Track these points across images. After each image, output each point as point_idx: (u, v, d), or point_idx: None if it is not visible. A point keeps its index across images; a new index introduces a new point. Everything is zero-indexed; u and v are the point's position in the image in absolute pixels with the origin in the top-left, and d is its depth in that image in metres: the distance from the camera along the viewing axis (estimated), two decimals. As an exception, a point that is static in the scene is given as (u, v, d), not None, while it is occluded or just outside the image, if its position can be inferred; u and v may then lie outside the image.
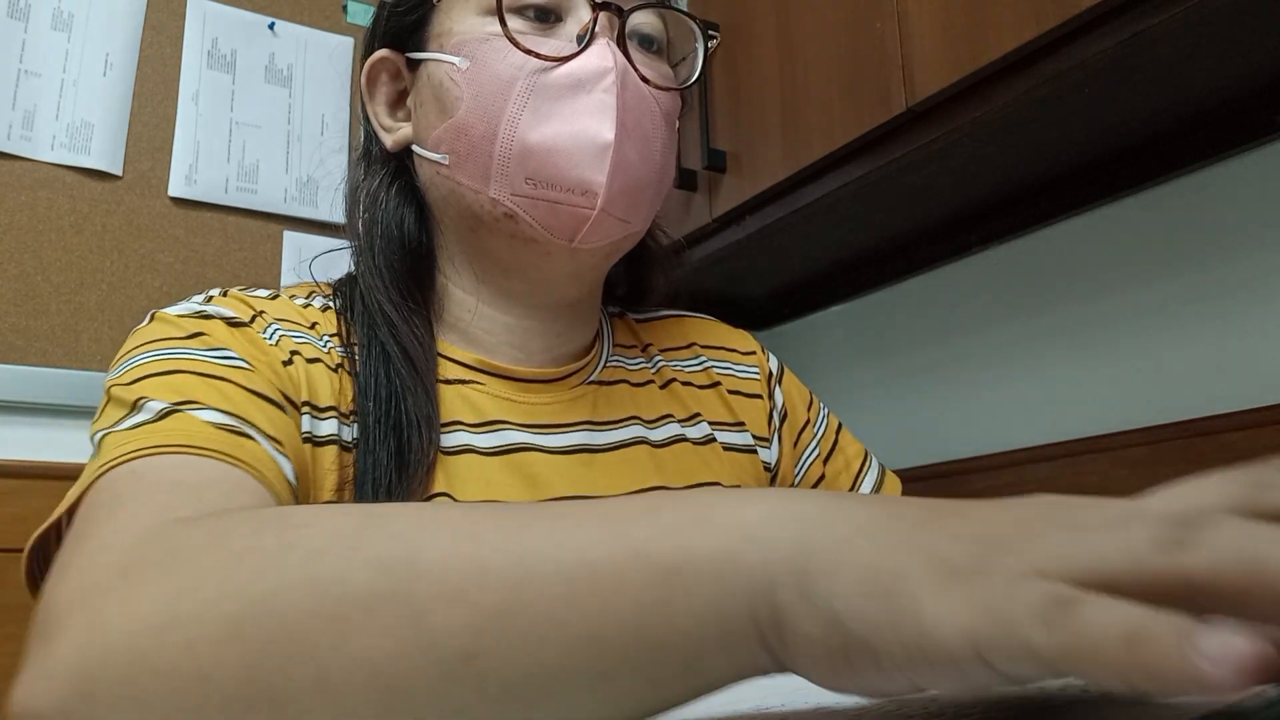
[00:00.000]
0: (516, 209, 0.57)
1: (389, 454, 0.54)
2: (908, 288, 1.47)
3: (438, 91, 0.60)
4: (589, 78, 0.57)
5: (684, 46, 0.66)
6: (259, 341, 0.54)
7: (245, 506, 0.42)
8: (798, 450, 0.72)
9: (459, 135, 0.58)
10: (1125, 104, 0.97)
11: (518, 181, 0.57)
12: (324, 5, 1.68)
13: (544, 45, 0.57)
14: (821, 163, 1.11)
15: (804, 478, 0.72)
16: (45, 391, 1.36)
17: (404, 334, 0.58)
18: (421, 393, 0.56)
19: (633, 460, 0.63)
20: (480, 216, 0.59)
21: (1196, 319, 1.09)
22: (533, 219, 0.57)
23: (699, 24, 0.65)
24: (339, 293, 0.62)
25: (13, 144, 1.40)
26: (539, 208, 0.57)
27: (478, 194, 0.58)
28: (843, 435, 0.75)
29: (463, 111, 0.58)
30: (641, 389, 0.67)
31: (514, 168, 0.56)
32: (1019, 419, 1.28)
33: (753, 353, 0.75)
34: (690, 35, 0.65)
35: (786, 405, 0.73)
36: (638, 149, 0.58)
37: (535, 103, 0.56)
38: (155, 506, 0.39)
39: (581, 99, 0.56)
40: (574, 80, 0.56)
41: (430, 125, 0.60)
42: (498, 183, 0.57)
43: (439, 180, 0.61)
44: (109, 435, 0.45)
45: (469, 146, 0.58)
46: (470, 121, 0.57)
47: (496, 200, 0.58)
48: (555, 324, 0.63)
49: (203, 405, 0.47)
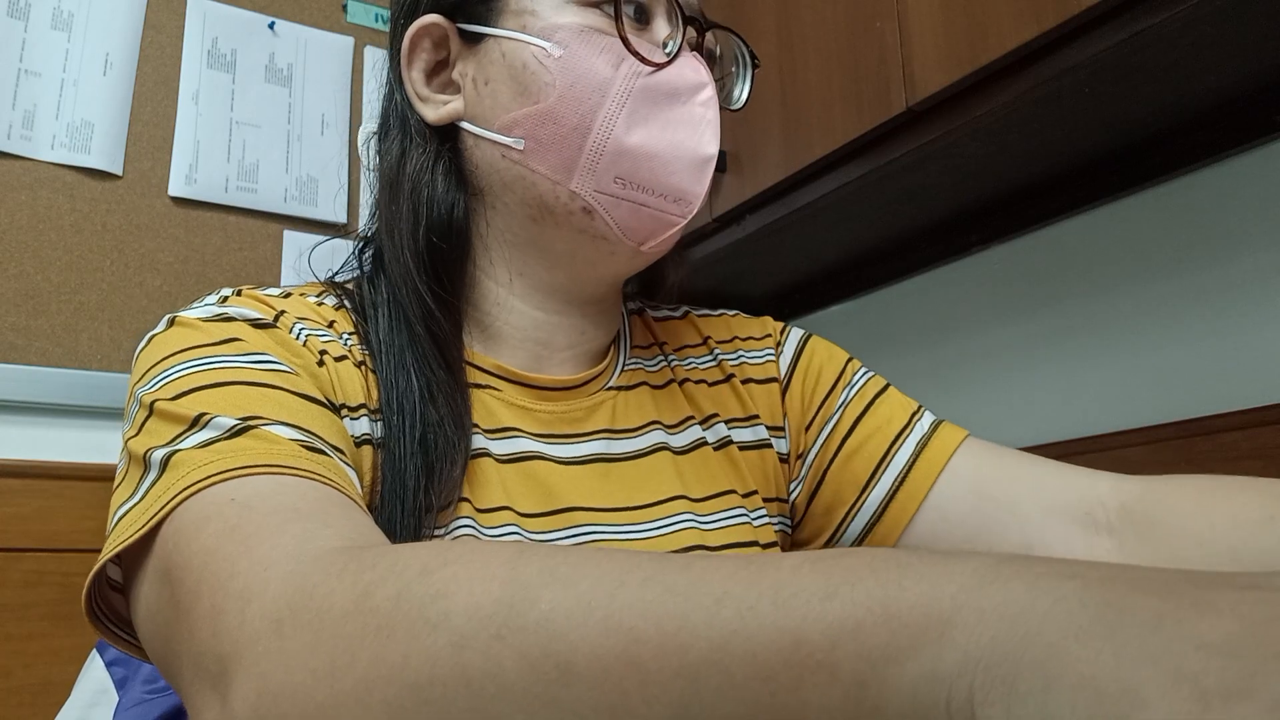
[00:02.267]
0: (596, 205, 0.57)
1: (415, 452, 0.53)
2: (908, 288, 1.47)
3: (518, 73, 0.58)
4: (686, 89, 0.58)
5: (724, 65, 0.68)
6: (290, 343, 0.53)
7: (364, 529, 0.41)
8: (820, 419, 0.68)
9: (544, 122, 0.57)
10: (1125, 104, 0.97)
11: (605, 179, 0.56)
12: (324, 5, 1.68)
13: (642, 48, 0.57)
14: (821, 163, 1.11)
15: (825, 443, 0.68)
16: (45, 391, 1.37)
17: (442, 328, 0.57)
18: (454, 390, 0.56)
19: (653, 469, 0.62)
20: (551, 207, 0.58)
21: (1196, 319, 1.09)
22: (612, 218, 0.57)
23: (750, 51, 0.66)
24: (346, 291, 0.60)
25: (13, 144, 1.40)
26: (622, 208, 0.57)
27: (555, 185, 0.57)
28: (888, 395, 0.70)
29: (554, 99, 0.57)
30: (662, 391, 0.67)
31: (605, 165, 0.56)
32: (1019, 419, 1.28)
33: (768, 335, 0.73)
34: (736, 58, 0.67)
35: (801, 374, 0.70)
36: None
37: (634, 105, 0.56)
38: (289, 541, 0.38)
39: (678, 109, 0.57)
40: (671, 89, 0.57)
41: (501, 106, 0.59)
42: (583, 177, 0.57)
43: (504, 165, 0.59)
44: (179, 454, 0.43)
45: (555, 136, 0.57)
46: (561, 111, 0.56)
47: (576, 194, 0.57)
48: (582, 320, 0.63)
49: (270, 420, 0.45)
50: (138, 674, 0.70)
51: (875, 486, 0.66)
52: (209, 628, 0.36)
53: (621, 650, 0.27)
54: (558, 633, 0.28)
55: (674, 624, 0.27)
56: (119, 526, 0.43)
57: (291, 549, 0.37)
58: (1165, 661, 0.20)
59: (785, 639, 0.26)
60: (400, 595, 0.32)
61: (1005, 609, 0.23)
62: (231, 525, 0.39)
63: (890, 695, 0.24)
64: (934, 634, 0.24)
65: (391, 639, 0.31)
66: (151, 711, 0.67)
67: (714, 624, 0.27)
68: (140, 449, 0.45)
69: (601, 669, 0.27)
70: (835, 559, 0.27)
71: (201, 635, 0.36)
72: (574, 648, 0.28)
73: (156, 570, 0.41)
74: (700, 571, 0.29)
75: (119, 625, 0.48)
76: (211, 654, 0.35)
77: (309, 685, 0.31)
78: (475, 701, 0.29)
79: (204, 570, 0.38)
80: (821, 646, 0.25)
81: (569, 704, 0.28)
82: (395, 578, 0.32)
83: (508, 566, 0.31)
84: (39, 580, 1.28)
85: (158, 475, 0.43)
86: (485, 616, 0.30)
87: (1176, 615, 0.21)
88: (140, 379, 0.50)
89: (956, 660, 0.23)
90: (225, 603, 0.36)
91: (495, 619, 0.29)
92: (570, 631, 0.28)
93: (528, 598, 0.30)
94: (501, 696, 0.28)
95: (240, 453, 0.43)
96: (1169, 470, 1.06)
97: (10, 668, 1.24)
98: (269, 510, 0.40)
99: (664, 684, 0.27)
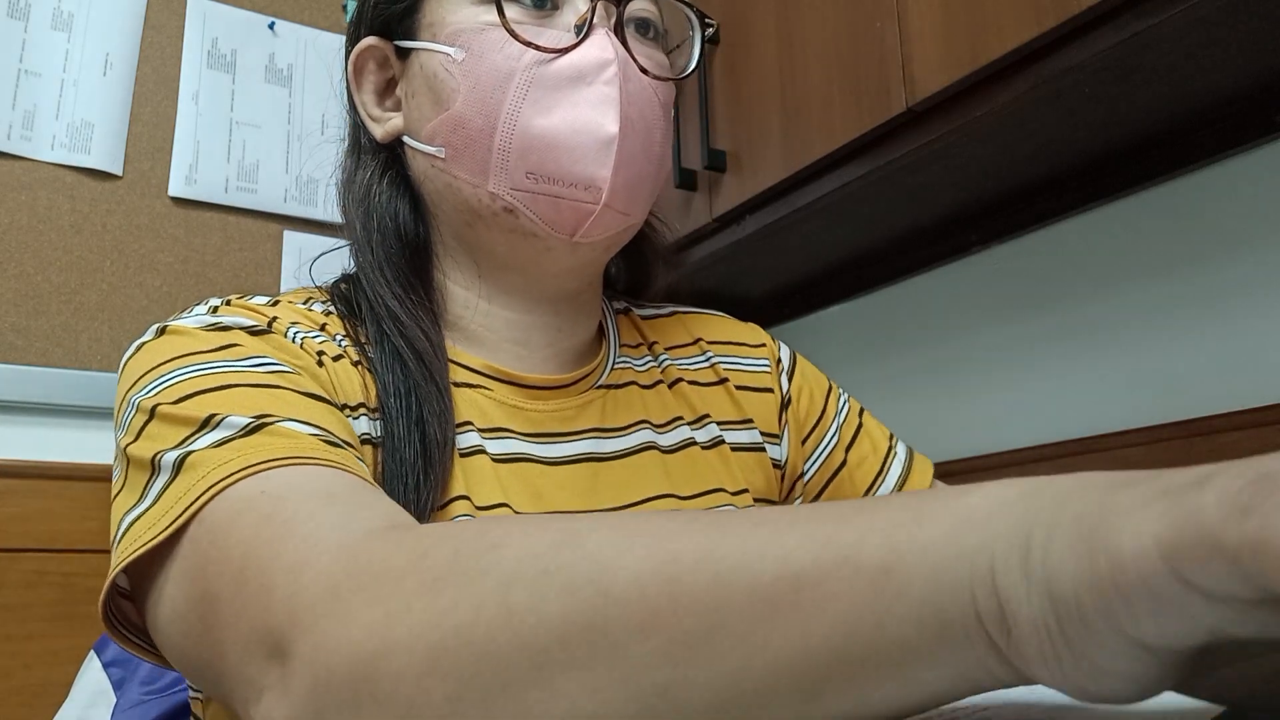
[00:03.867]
0: (516, 203, 0.57)
1: (415, 451, 0.53)
2: (908, 288, 1.47)
3: (431, 83, 0.59)
4: (590, 69, 0.56)
5: (678, 34, 0.65)
6: (288, 346, 0.52)
7: (398, 511, 0.41)
8: (813, 440, 0.70)
9: (455, 128, 0.57)
10: (1125, 104, 0.97)
11: (518, 175, 0.56)
12: (324, 5, 1.68)
13: (542, 36, 0.56)
14: (821, 163, 1.11)
15: (822, 466, 0.70)
16: (45, 391, 1.37)
17: (411, 330, 0.57)
18: (434, 389, 0.56)
19: (641, 468, 0.62)
20: (478, 211, 0.58)
21: (1196, 319, 1.09)
22: (533, 213, 0.57)
23: (695, 11, 0.64)
24: (336, 295, 0.61)
25: (13, 144, 1.40)
26: (540, 202, 0.56)
27: (476, 188, 0.58)
28: (867, 420, 0.73)
29: (459, 104, 0.57)
30: (651, 390, 0.67)
31: (514, 161, 0.56)
32: (1019, 419, 1.28)
33: (762, 345, 0.73)
34: (685, 23, 0.65)
35: (797, 394, 0.71)
36: (640, 141, 0.57)
37: (535, 95, 0.55)
38: (335, 517, 0.37)
39: (582, 91, 0.56)
40: (575, 72, 0.56)
41: (424, 117, 0.60)
42: (497, 177, 0.56)
43: (434, 173, 0.60)
44: (195, 454, 0.42)
45: (466, 140, 0.57)
46: (467, 114, 0.57)
47: (495, 194, 0.57)
48: (556, 318, 0.63)
49: (282, 417, 0.45)
50: (135, 675, 0.70)
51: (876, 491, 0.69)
52: (259, 605, 0.35)
53: (658, 568, 0.28)
54: (603, 561, 0.29)
55: (710, 542, 0.28)
56: (130, 534, 0.42)
57: (339, 523, 0.37)
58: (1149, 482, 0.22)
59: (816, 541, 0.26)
60: (458, 552, 0.32)
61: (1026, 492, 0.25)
62: (267, 514, 0.39)
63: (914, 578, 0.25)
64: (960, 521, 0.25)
65: (445, 588, 0.31)
66: (149, 712, 0.68)
67: (750, 536, 0.28)
68: (144, 453, 0.44)
69: (638, 589, 0.28)
70: (871, 499, 0.30)
71: (251, 614, 0.36)
72: (615, 573, 0.29)
73: (184, 572, 0.40)
74: (744, 514, 0.30)
75: (132, 632, 0.47)
76: (264, 628, 0.35)
77: (362, 638, 0.31)
78: (515, 636, 0.29)
79: (246, 559, 0.37)
80: (849, 543, 0.26)
81: (603, 627, 0.28)
82: (452, 539, 0.33)
83: (561, 520, 0.32)
84: (39, 580, 1.28)
85: (171, 477, 0.43)
86: (534, 556, 0.30)
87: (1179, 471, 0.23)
88: (133, 385, 0.49)
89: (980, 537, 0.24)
90: (275, 579, 0.36)
91: (544, 558, 0.30)
92: (614, 560, 0.29)
93: (577, 540, 0.31)
94: (540, 626, 0.29)
95: (260, 448, 0.42)
96: (1169, 470, 1.06)
97: (10, 668, 1.24)
98: (303, 497, 0.40)
99: (695, 593, 0.27)
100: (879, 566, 0.25)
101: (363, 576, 0.33)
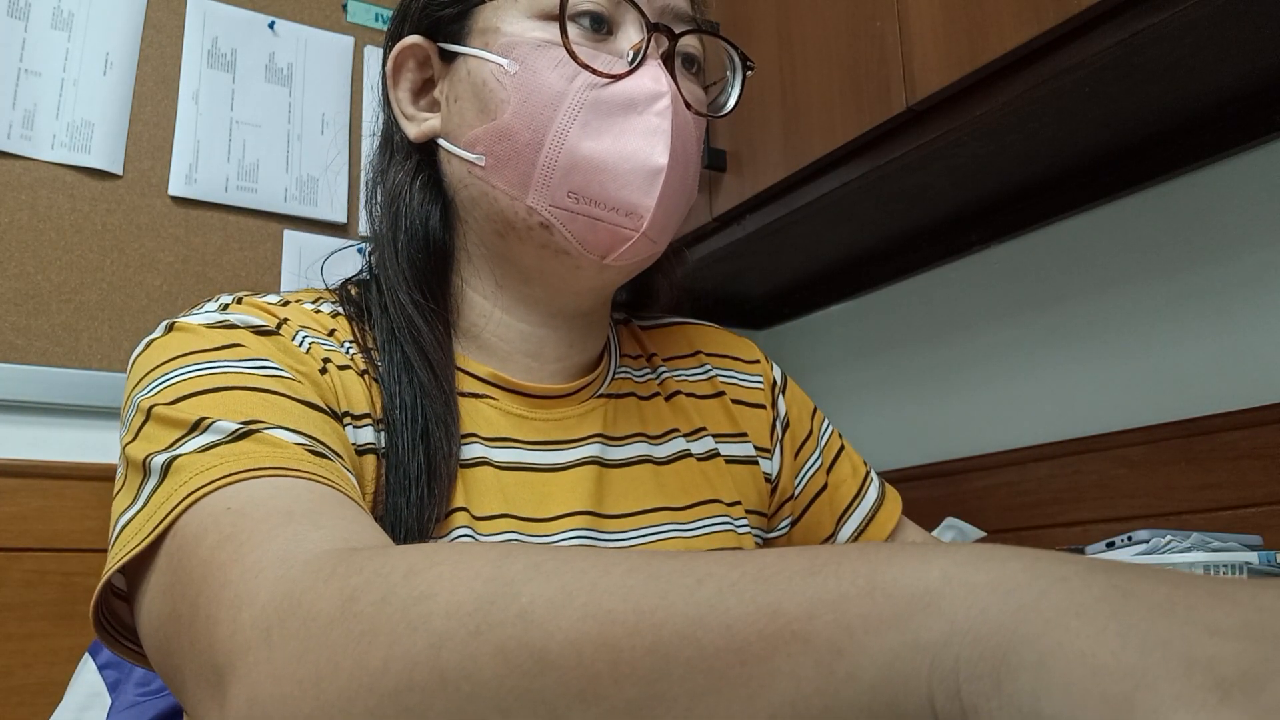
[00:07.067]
0: (553, 220, 0.57)
1: (419, 466, 0.53)
2: (908, 288, 1.47)
3: (479, 90, 0.59)
4: (642, 99, 0.56)
5: (716, 70, 0.66)
6: (293, 350, 0.53)
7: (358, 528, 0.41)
8: (799, 461, 0.72)
9: (500, 138, 0.57)
10: (1125, 104, 0.97)
11: (559, 194, 0.56)
12: (324, 4, 1.68)
13: (596, 59, 0.56)
14: (821, 162, 1.11)
15: (805, 487, 0.72)
16: (45, 391, 1.36)
17: (425, 337, 0.57)
18: (442, 401, 0.55)
19: (636, 479, 0.62)
20: (512, 223, 0.58)
21: (1196, 319, 1.09)
22: (569, 233, 0.57)
23: (740, 54, 0.65)
24: (345, 297, 0.61)
25: (13, 143, 1.40)
26: (578, 222, 0.56)
27: (513, 200, 0.57)
28: (846, 444, 0.76)
29: (508, 115, 0.57)
30: (648, 402, 0.67)
31: (558, 180, 0.56)
32: (1019, 418, 1.28)
33: (756, 361, 0.74)
34: (725, 60, 0.65)
35: (789, 415, 0.73)
36: (680, 174, 0.58)
37: (586, 117, 0.55)
38: (279, 545, 0.37)
39: (633, 120, 0.56)
40: (627, 100, 0.56)
41: (466, 123, 0.59)
42: (538, 192, 0.56)
43: (470, 180, 0.60)
44: (181, 458, 0.43)
45: (510, 151, 0.57)
46: (515, 127, 0.56)
47: (533, 209, 0.57)
48: (570, 333, 0.63)
49: (272, 424, 0.45)
50: (130, 677, 0.70)
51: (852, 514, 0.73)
52: (206, 638, 0.36)
53: (597, 633, 0.27)
54: (535, 622, 0.28)
55: (651, 603, 0.27)
56: (123, 536, 0.43)
57: (281, 553, 0.37)
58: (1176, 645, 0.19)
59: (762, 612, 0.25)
60: (385, 599, 0.31)
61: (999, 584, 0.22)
62: (226, 535, 0.39)
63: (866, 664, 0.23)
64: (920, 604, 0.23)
65: (374, 645, 0.31)
66: (144, 713, 0.68)
67: (691, 600, 0.26)
68: (139, 455, 0.45)
69: (575, 653, 0.27)
70: (824, 548, 0.27)
71: (200, 645, 0.36)
72: (550, 635, 0.27)
73: (161, 584, 0.41)
74: (687, 560, 0.28)
75: (122, 633, 0.48)
76: (209, 663, 0.35)
77: (295, 696, 0.31)
78: (451, 703, 0.28)
79: (202, 583, 0.38)
80: (799, 617, 0.24)
81: (541, 693, 0.27)
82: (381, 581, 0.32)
83: (493, 565, 0.31)
84: (39, 580, 1.28)
85: (159, 481, 0.43)
86: (465, 614, 0.29)
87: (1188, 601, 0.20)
88: (137, 385, 0.49)
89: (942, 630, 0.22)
90: (219, 612, 0.36)
91: (475, 616, 0.29)
92: (548, 620, 0.28)
93: (509, 593, 0.29)
94: (477, 695, 0.28)
95: (242, 456, 0.43)
96: (1169, 470, 1.07)
97: (10, 668, 1.24)
98: (262, 516, 0.40)
99: (634, 662, 0.26)
100: (829, 647, 0.24)
101: (291, 622, 0.33)
